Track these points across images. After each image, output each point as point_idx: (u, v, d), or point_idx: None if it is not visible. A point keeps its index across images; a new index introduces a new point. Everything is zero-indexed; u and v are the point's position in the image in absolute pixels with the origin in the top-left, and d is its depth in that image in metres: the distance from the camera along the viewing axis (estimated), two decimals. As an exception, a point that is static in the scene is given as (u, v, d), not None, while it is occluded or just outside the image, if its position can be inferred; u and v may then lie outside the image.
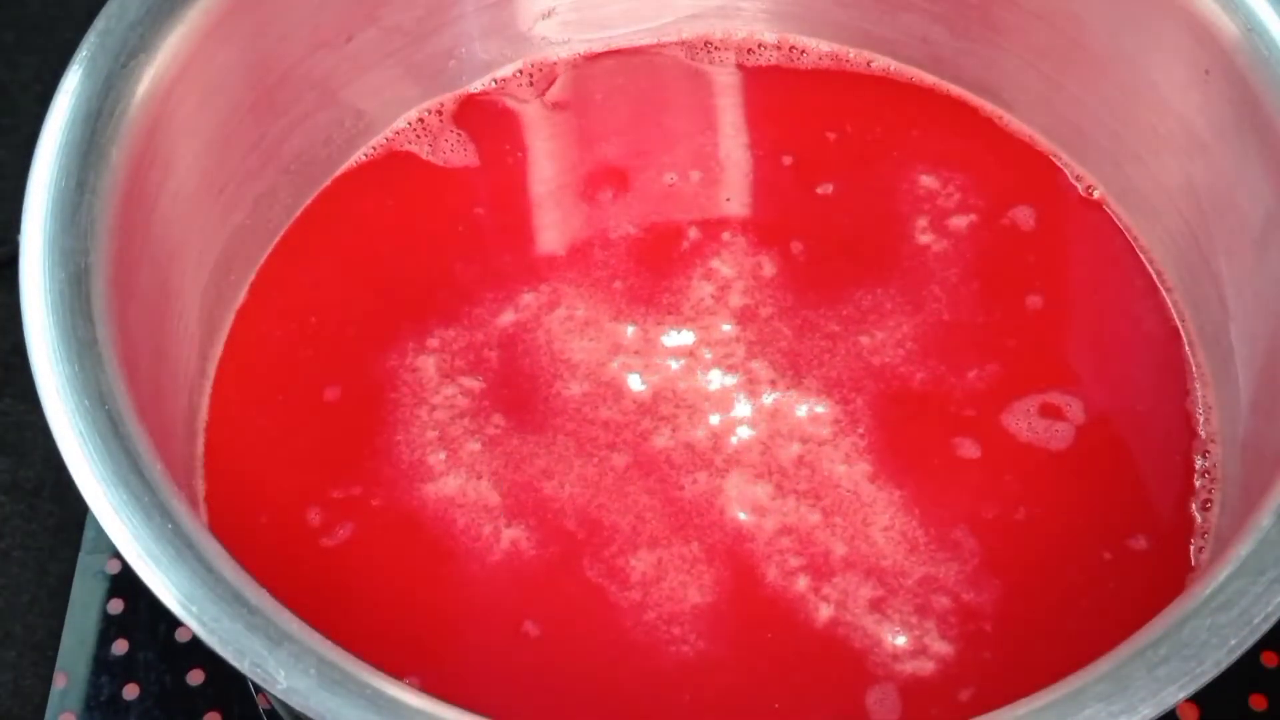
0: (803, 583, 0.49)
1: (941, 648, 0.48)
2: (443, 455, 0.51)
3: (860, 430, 0.52)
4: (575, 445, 0.52)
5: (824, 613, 0.48)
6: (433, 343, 0.54)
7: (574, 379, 0.53)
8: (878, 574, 0.49)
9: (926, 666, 0.47)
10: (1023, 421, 0.52)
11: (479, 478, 0.51)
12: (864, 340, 0.54)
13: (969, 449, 0.51)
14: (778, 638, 0.48)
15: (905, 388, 0.53)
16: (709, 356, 0.54)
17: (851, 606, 0.48)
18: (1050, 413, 0.52)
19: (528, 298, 0.55)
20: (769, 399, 0.52)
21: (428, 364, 0.53)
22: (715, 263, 0.56)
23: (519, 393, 0.53)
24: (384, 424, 0.52)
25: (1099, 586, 0.49)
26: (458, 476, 0.51)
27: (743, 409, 0.52)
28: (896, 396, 0.53)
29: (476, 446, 0.52)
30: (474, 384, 0.53)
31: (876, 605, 0.48)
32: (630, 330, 0.54)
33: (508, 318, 0.55)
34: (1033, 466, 0.51)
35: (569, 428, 0.52)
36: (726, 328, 0.54)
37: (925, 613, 0.48)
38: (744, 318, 0.54)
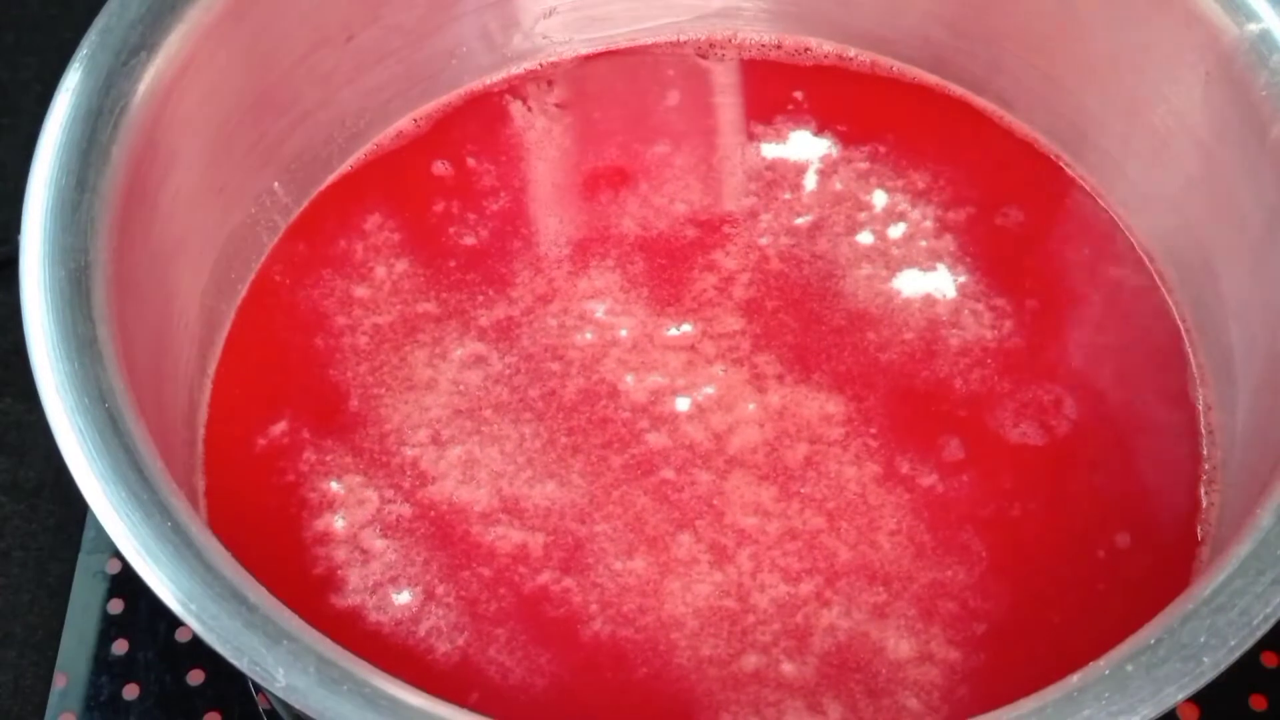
0: (806, 587, 0.49)
1: (946, 652, 0.47)
2: (440, 455, 0.51)
3: (873, 430, 0.52)
4: (572, 444, 0.51)
5: (827, 618, 0.48)
6: (432, 341, 0.54)
7: (570, 376, 0.53)
8: (883, 579, 0.49)
9: (930, 672, 0.47)
10: (1024, 422, 0.52)
11: (477, 477, 0.51)
12: (870, 336, 0.54)
13: (970, 450, 0.51)
14: (778, 641, 0.48)
15: (910, 386, 0.53)
16: (711, 350, 0.53)
17: (855, 613, 0.48)
18: (1052, 413, 0.52)
19: (526, 296, 0.55)
20: (776, 397, 0.52)
21: (429, 363, 0.53)
22: (717, 255, 0.56)
23: (517, 391, 0.53)
24: (383, 424, 0.52)
25: (1099, 586, 0.49)
26: (455, 477, 0.51)
27: (748, 406, 0.52)
28: (904, 395, 0.52)
29: (475, 446, 0.51)
30: (473, 382, 0.53)
31: (881, 610, 0.48)
32: (628, 324, 0.54)
33: (506, 316, 0.54)
34: (1033, 467, 0.51)
35: (566, 426, 0.52)
36: (730, 320, 0.54)
37: (930, 617, 0.48)
38: (749, 310, 0.54)
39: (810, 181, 0.58)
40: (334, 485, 0.51)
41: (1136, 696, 0.37)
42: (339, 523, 0.50)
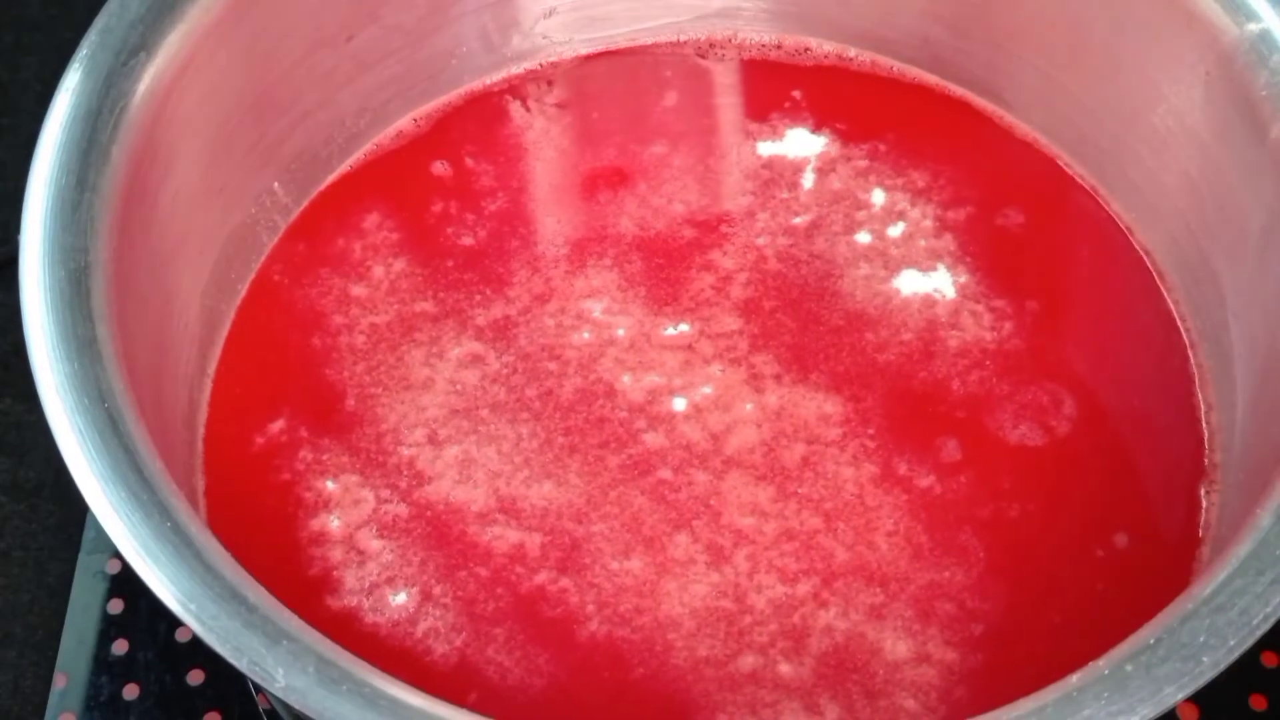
0: (803, 588, 0.49)
1: (943, 653, 0.47)
2: (437, 454, 0.51)
3: (870, 431, 0.52)
4: (569, 444, 0.51)
5: (824, 619, 0.48)
6: (429, 341, 0.54)
7: (567, 375, 0.53)
8: (880, 580, 0.49)
9: (927, 672, 0.47)
10: (1023, 422, 0.52)
11: (473, 477, 0.51)
12: (869, 337, 0.54)
13: (970, 450, 0.51)
14: (775, 642, 0.48)
15: (908, 387, 0.53)
16: (709, 350, 0.53)
17: (852, 613, 0.48)
18: (1051, 413, 0.52)
19: (523, 296, 0.55)
20: (773, 397, 0.52)
21: (426, 362, 0.53)
22: (715, 255, 0.56)
23: (514, 391, 0.53)
24: (379, 423, 0.52)
25: (1098, 586, 0.49)
26: (453, 477, 0.51)
27: (745, 406, 0.52)
28: (902, 396, 0.52)
29: (471, 446, 0.51)
30: (470, 382, 0.53)
31: (878, 611, 0.48)
32: (626, 323, 0.54)
33: (504, 316, 0.54)
34: (1033, 468, 0.51)
35: (563, 426, 0.52)
36: (728, 320, 0.54)
37: (928, 618, 0.48)
38: (746, 310, 0.54)
39: (808, 180, 0.58)
40: (330, 485, 0.51)
41: (1136, 696, 0.37)
42: (334, 523, 0.50)
